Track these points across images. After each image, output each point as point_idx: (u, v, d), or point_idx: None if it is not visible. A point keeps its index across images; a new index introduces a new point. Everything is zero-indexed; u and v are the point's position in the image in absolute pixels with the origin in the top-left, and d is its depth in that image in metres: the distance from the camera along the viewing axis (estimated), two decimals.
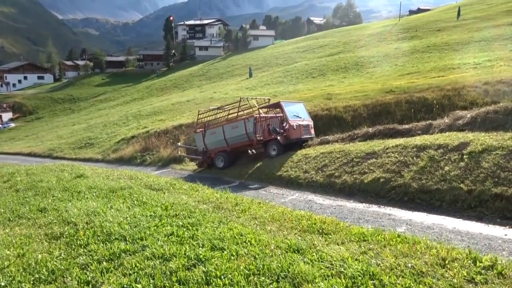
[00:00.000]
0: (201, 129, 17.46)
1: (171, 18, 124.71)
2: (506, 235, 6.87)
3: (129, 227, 5.61)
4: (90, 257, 4.70)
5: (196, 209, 6.32)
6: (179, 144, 20.36)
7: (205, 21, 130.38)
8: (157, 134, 23.83)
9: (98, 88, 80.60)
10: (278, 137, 14.92)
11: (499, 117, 11.31)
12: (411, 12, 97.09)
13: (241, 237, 4.93)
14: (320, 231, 5.18)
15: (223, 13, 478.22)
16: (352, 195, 10.22)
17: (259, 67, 51.40)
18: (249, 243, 4.72)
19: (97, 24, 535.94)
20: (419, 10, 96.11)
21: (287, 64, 46.80)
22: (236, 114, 16.99)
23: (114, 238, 5.23)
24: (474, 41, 28.97)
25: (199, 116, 18.00)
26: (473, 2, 56.14)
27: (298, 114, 15.59)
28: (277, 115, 16.50)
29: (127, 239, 5.14)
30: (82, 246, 5.08)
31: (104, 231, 5.51)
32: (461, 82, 16.40)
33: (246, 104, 17.58)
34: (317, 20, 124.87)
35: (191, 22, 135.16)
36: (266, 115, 16.28)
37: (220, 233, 5.10)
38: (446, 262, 3.90)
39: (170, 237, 5.12)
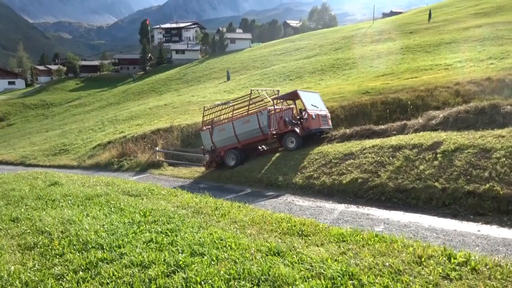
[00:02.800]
0: (207, 127, 16.41)
1: (147, 21, 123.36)
2: (479, 231, 7.09)
3: (106, 235, 5.49)
4: (66, 267, 4.57)
5: (175, 214, 6.24)
6: (157, 148, 20.11)
7: (181, 25, 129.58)
8: (135, 139, 23.47)
9: (72, 93, 78.76)
10: (296, 129, 14.00)
11: (470, 116, 11.70)
12: (385, 15, 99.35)
13: (221, 241, 4.90)
14: (300, 233, 5.20)
15: (199, 16, 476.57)
16: (331, 196, 10.33)
17: (236, 70, 51.40)
18: (229, 248, 4.69)
19: (70, 28, 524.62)
20: (392, 13, 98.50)
21: (265, 67, 46.99)
22: (246, 108, 15.85)
23: (90, 246, 5.10)
24: (444, 43, 29.85)
25: (205, 112, 16.85)
26: (443, 5, 57.95)
27: (315, 104, 14.65)
28: (289, 106, 15.71)
29: (104, 247, 5.03)
30: (57, 256, 4.93)
31: (80, 239, 5.37)
32: (434, 83, 16.85)
33: (258, 96, 16.47)
34: (293, 23, 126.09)
35: (167, 25, 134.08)
36: (280, 107, 15.41)
37: (200, 238, 5.06)
38: (422, 259, 3.99)
39: (148, 244, 5.03)
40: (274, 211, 7.52)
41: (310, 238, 4.94)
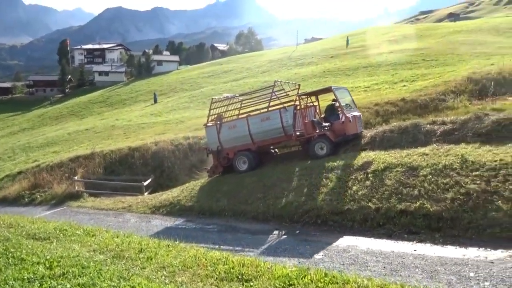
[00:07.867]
0: (214, 122, 14.19)
1: (67, 41, 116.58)
2: (415, 250, 7.11)
3: None
4: None
5: (90, 262, 5.19)
6: (75, 178, 18.27)
7: (105, 46, 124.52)
8: (50, 168, 21.18)
9: None
10: (327, 133, 12.19)
11: (395, 135, 12.14)
12: (307, 41, 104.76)
13: None
14: (240, 277, 4.54)
15: (124, 38, 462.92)
16: (267, 222, 9.92)
17: (164, 93, 50.05)
18: None
19: None
20: (314, 39, 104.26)
21: (193, 89, 46.34)
22: (260, 103, 14.05)
23: None
24: (362, 67, 31.72)
25: (212, 105, 14.69)
26: (359, 32, 62.63)
27: (347, 102, 13.02)
28: (313, 104, 13.91)
29: None
30: None
31: None
32: (356, 103, 17.51)
33: (281, 90, 14.32)
34: (221, 46, 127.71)
35: (89, 46, 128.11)
36: (306, 104, 13.46)
37: None
38: None
39: None
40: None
41: (252, 283, 4.31)
